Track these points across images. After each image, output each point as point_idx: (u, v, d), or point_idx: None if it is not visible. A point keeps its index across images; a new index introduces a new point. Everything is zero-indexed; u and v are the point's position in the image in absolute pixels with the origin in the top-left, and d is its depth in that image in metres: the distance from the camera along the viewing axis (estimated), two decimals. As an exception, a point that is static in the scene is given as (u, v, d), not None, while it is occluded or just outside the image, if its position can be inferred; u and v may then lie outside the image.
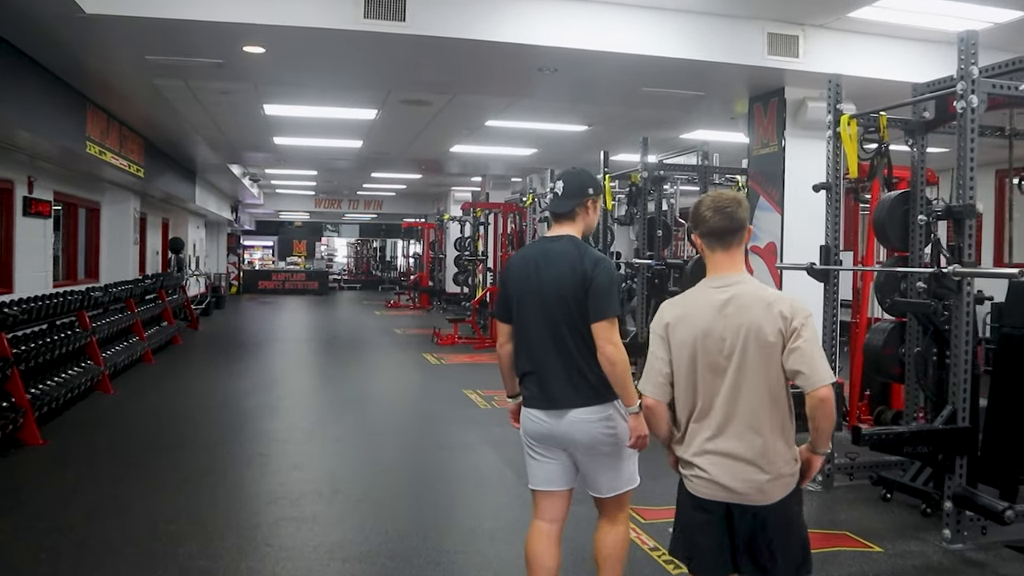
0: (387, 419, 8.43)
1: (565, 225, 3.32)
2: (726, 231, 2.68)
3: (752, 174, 8.15)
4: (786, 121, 7.64)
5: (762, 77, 7.35)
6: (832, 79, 6.09)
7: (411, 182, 20.37)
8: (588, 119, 9.85)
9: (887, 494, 5.80)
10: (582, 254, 3.21)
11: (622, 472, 3.27)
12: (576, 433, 3.18)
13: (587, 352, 3.14)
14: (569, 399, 3.17)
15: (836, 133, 6.00)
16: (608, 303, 3.11)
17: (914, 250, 6.11)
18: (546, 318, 3.22)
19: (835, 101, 6.05)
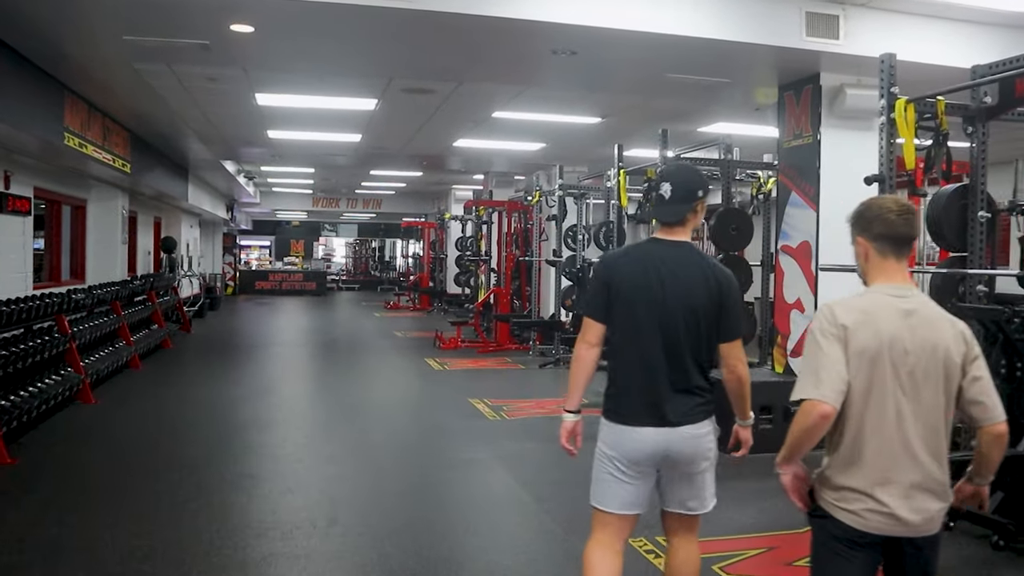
0: (389, 432, 7.79)
1: (677, 230, 3.14)
2: (908, 238, 2.54)
3: (782, 168, 7.51)
4: (822, 110, 7.00)
5: (796, 62, 6.72)
6: (885, 58, 5.46)
7: (411, 180, 19.72)
8: (603, 110, 9.20)
9: (949, 523, 5.19)
10: (712, 267, 3.11)
11: (710, 489, 3.16)
12: (686, 448, 3.03)
13: (698, 368, 3.05)
14: (683, 415, 3.03)
15: (891, 119, 5.36)
16: (741, 322, 3.09)
17: (974, 249, 5.50)
18: (665, 329, 3.03)
19: (889, 83, 5.41)
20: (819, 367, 2.39)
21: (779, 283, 7.58)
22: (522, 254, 14.60)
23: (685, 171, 3.29)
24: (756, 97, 8.09)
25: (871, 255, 2.55)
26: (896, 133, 5.35)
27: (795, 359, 7.29)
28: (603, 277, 3.21)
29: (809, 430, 2.38)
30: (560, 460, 6.50)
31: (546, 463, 6.44)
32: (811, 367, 2.42)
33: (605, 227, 11.72)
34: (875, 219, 2.53)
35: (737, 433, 3.26)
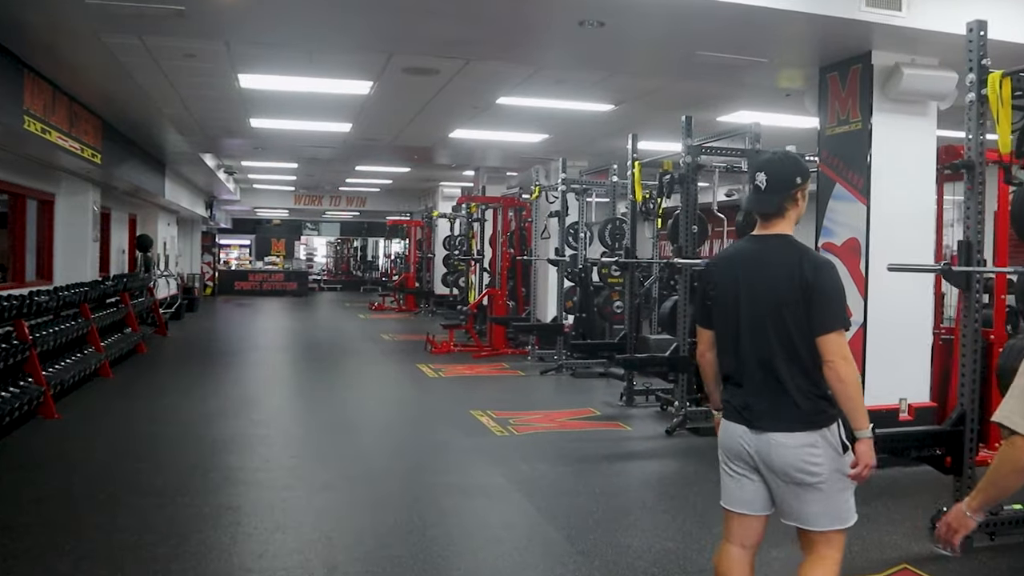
0: (388, 452, 6.90)
1: (774, 223, 2.97)
2: None
3: (825, 157, 6.73)
4: (873, 92, 6.23)
5: (848, 37, 5.94)
6: (974, 26, 4.69)
7: (398, 176, 18.82)
8: (618, 96, 8.36)
9: None
10: (801, 257, 2.89)
11: (829, 506, 2.87)
12: (774, 457, 2.86)
13: (796, 369, 2.85)
14: (771, 421, 2.86)
15: (981, 96, 4.59)
16: (838, 312, 2.85)
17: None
18: (754, 328, 2.92)
19: (979, 55, 4.63)
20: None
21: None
22: (518, 253, 13.79)
23: (781, 158, 3.05)
24: (786, 81, 7.30)
25: None
26: (986, 113, 4.59)
27: (839, 369, 6.51)
28: (702, 283, 3.20)
29: (1014, 471, 2.03)
30: (587, 488, 5.83)
31: (569, 490, 5.63)
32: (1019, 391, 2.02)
33: (611, 224, 10.93)
34: None
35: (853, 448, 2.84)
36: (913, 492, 5.73)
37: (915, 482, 5.89)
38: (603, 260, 10.69)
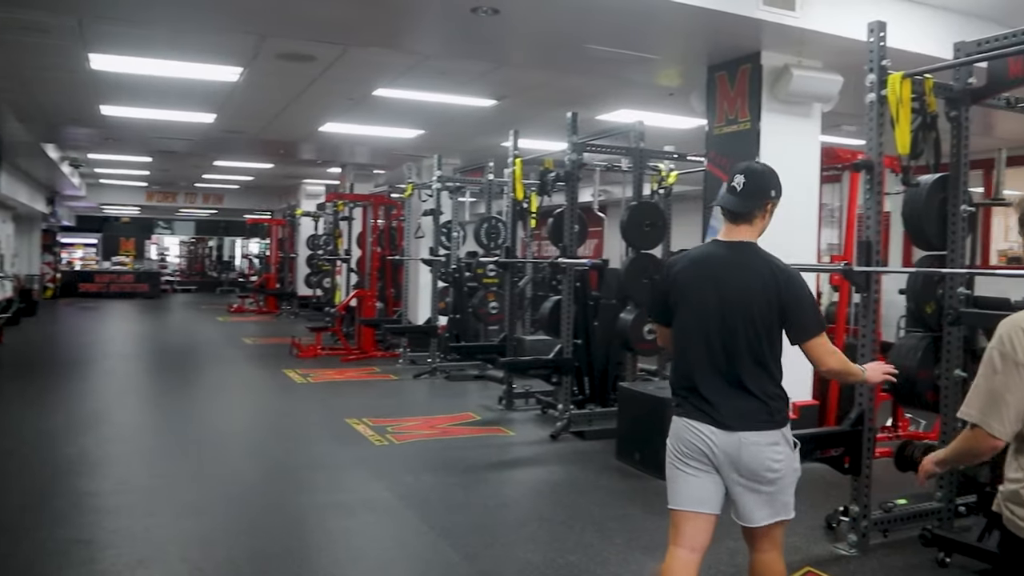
0: (259, 469, 6.27)
1: (742, 229, 3.00)
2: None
3: (713, 156, 6.65)
4: (762, 93, 6.18)
5: (738, 36, 5.85)
6: (875, 26, 4.62)
7: (260, 173, 17.86)
8: (501, 90, 8.06)
9: (945, 557, 4.43)
10: (772, 268, 2.94)
11: (777, 501, 2.97)
12: (744, 456, 2.89)
13: (762, 373, 2.92)
14: (740, 420, 2.90)
15: (881, 96, 4.53)
16: (817, 317, 3.00)
17: (955, 247, 4.78)
18: (723, 331, 2.95)
19: (880, 55, 4.58)
20: (992, 395, 2.18)
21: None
22: (388, 253, 13.28)
23: (763, 168, 3.13)
24: (673, 79, 7.21)
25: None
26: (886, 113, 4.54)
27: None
28: (664, 282, 3.20)
29: (976, 455, 2.31)
30: (479, 500, 5.44)
31: (461, 503, 5.27)
32: (990, 391, 2.19)
33: (487, 223, 10.63)
34: None
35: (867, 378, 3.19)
36: (805, 492, 5.66)
37: (806, 482, 5.84)
38: (483, 259, 10.37)
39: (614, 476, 6.00)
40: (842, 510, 4.87)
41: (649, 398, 6.15)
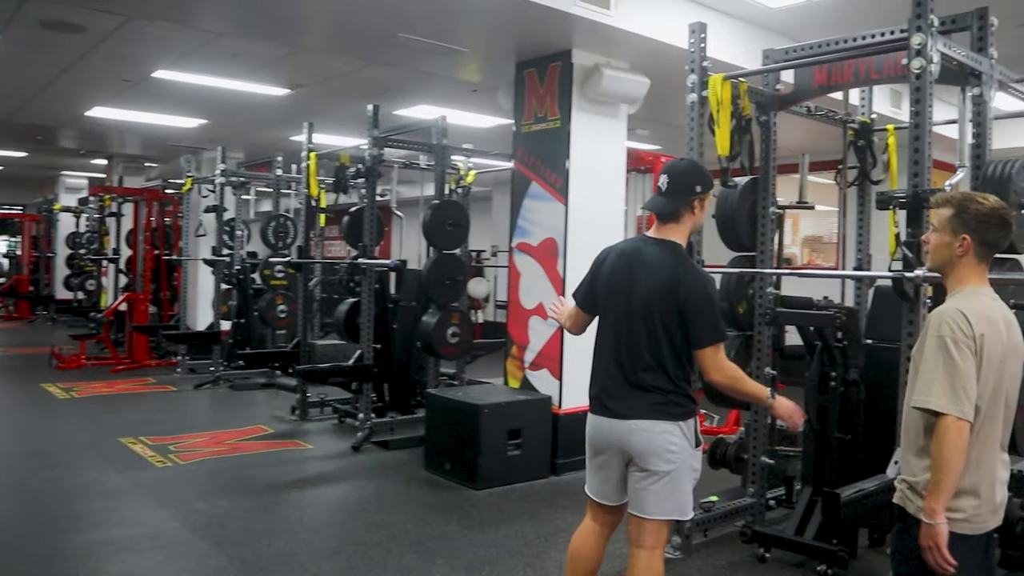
0: (15, 505, 5.25)
1: (669, 227, 3.04)
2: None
3: (520, 155, 6.42)
4: (572, 91, 6.02)
5: (551, 33, 5.67)
6: (696, 27, 4.54)
7: (11, 162, 15.75)
8: (297, 78, 7.41)
9: (765, 553, 4.43)
10: (681, 270, 2.94)
11: (674, 495, 2.95)
12: (634, 442, 2.94)
13: (660, 371, 2.93)
14: (633, 411, 2.94)
15: (701, 98, 4.46)
16: (712, 327, 2.91)
17: (765, 248, 4.83)
18: (629, 326, 2.98)
19: (700, 56, 4.50)
20: (955, 380, 2.27)
21: (514, 286, 6.48)
22: (163, 252, 12.09)
23: (686, 165, 3.17)
24: (481, 74, 6.94)
25: (970, 256, 2.45)
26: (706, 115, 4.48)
27: (535, 372, 6.24)
28: (592, 267, 3.24)
29: (956, 446, 2.26)
30: (284, 525, 4.80)
31: (264, 529, 4.68)
32: (946, 378, 2.28)
33: (275, 221, 9.86)
34: (1000, 224, 2.44)
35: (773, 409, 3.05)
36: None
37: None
38: (273, 260, 9.58)
39: (425, 488, 5.61)
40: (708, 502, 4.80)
41: (460, 405, 5.82)
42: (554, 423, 6.02)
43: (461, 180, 7.85)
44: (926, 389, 2.29)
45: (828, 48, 4.35)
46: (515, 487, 5.67)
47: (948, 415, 2.24)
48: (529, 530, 4.82)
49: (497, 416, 5.68)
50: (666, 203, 3.01)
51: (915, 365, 2.43)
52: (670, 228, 3.03)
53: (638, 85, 6.18)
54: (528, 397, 6.01)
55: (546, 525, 4.92)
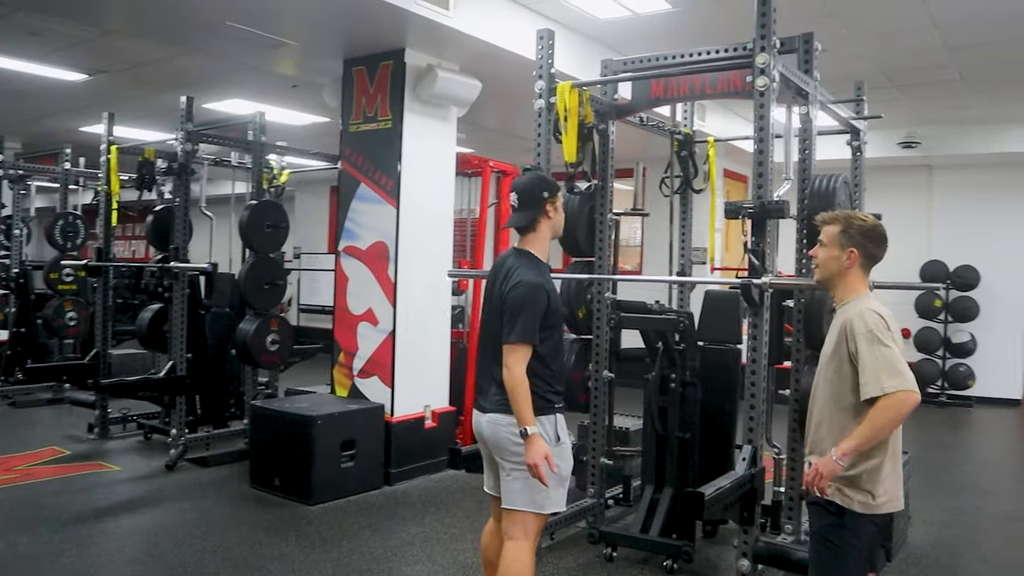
0: None
1: (528, 238, 3.25)
2: None
3: (348, 155, 6.13)
4: (405, 92, 5.83)
5: (385, 31, 5.47)
6: (544, 33, 4.50)
7: None
8: (98, 63, 6.63)
9: (612, 552, 4.47)
10: (513, 273, 3.15)
11: (527, 490, 3.05)
12: (487, 433, 3.14)
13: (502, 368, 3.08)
14: (490, 405, 3.14)
15: (549, 104, 4.43)
16: (513, 327, 3.03)
17: (603, 254, 4.88)
18: (489, 328, 3.24)
19: (548, 62, 4.47)
20: (895, 362, 2.55)
21: (341, 291, 6.19)
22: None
23: (529, 178, 3.29)
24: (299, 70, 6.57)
25: (856, 267, 2.76)
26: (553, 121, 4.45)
27: (365, 380, 5.98)
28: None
29: (903, 416, 2.54)
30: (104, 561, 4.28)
31: (81, 568, 4.13)
32: (886, 363, 2.54)
33: (64, 220, 8.87)
34: (880, 239, 2.77)
35: (526, 443, 2.97)
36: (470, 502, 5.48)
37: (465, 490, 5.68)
38: (66, 263, 8.57)
39: (255, 507, 5.21)
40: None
41: (290, 416, 5.46)
42: (387, 432, 5.80)
43: (274, 179, 7.41)
44: (874, 381, 2.53)
45: (670, 62, 4.43)
46: (350, 500, 5.40)
47: (900, 391, 2.49)
48: (373, 545, 4.59)
49: (330, 427, 5.38)
50: (521, 217, 3.21)
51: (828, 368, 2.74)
52: (530, 238, 3.23)
53: (470, 88, 6.09)
54: (361, 406, 5.75)
55: (390, 538, 4.70)
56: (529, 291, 3.04)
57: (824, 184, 4.25)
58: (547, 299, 3.11)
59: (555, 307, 3.16)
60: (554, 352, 3.15)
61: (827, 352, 2.77)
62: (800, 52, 4.30)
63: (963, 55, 6.69)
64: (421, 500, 5.50)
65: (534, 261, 3.19)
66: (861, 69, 6.42)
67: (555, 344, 3.17)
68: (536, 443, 2.93)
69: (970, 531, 5.15)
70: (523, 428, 2.94)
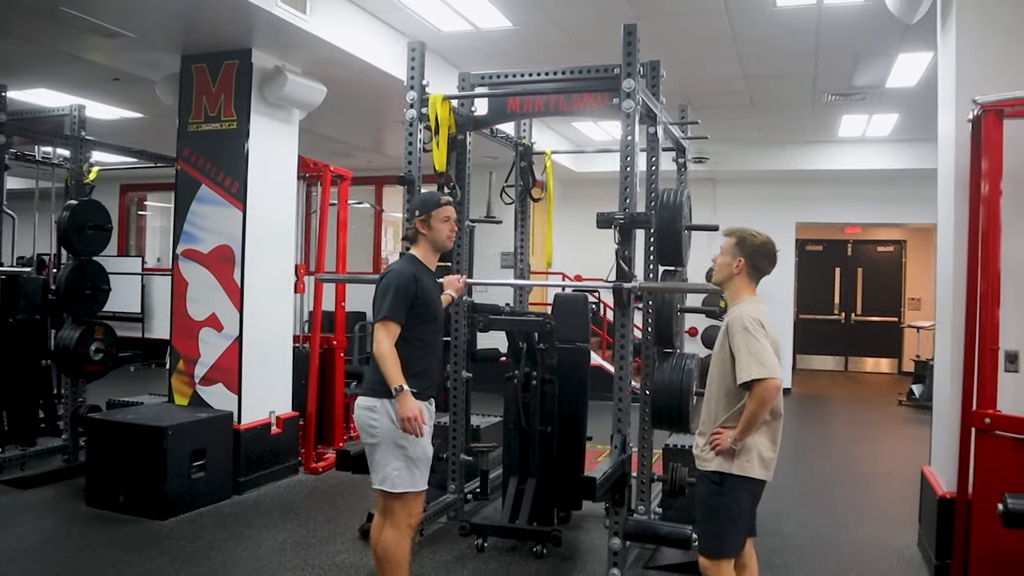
0: None
1: (415, 247, 3.61)
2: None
3: (187, 155, 5.83)
4: (252, 93, 5.66)
5: (231, 30, 5.29)
6: (415, 45, 4.60)
7: None
8: None
9: (483, 543, 4.65)
10: (389, 267, 3.58)
11: (380, 469, 3.35)
12: (355, 415, 3.43)
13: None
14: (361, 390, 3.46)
15: (421, 114, 4.53)
16: (380, 305, 3.35)
17: (461, 260, 5.06)
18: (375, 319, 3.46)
19: (420, 72, 4.56)
20: (760, 353, 2.96)
21: (180, 296, 5.89)
22: None
23: (417, 198, 3.83)
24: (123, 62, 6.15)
25: (743, 275, 3.19)
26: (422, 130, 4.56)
27: (209, 387, 5.75)
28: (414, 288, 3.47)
29: (771, 399, 2.98)
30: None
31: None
32: (754, 355, 2.96)
33: None
34: (768, 256, 3.20)
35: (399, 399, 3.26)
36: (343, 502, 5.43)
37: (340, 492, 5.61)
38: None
39: (102, 527, 4.85)
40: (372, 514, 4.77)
41: (136, 428, 5.16)
42: (236, 440, 5.62)
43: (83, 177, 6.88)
44: (746, 369, 2.95)
45: (536, 79, 4.65)
46: (202, 512, 5.18)
47: (764, 379, 2.92)
48: (244, 555, 4.46)
49: (181, 437, 5.13)
50: (408, 229, 3.69)
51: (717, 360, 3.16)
52: (416, 247, 3.60)
53: (317, 92, 6.02)
54: (209, 415, 5.51)
55: (258, 547, 4.59)
56: (395, 276, 3.39)
57: (672, 197, 4.67)
58: (415, 285, 3.39)
59: (426, 298, 3.43)
60: (424, 346, 3.45)
61: (716, 348, 3.17)
62: (648, 78, 4.70)
63: (756, 83, 7.51)
64: (276, 507, 5.38)
65: (412, 259, 3.55)
66: (668, 91, 7.02)
67: (427, 339, 3.46)
68: (406, 399, 3.22)
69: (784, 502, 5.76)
70: (395, 387, 3.21)
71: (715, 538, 3.10)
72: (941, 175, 4.73)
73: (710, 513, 3.12)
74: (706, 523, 3.15)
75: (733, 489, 3.07)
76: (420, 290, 3.41)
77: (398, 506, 3.36)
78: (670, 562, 4.47)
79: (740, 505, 3.09)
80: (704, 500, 3.15)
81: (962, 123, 4.17)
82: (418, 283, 3.40)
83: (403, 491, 3.35)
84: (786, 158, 10.39)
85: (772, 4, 5.50)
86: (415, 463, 3.37)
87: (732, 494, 3.07)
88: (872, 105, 8.24)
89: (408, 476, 3.35)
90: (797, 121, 9.18)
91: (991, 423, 3.70)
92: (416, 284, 3.39)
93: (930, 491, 4.57)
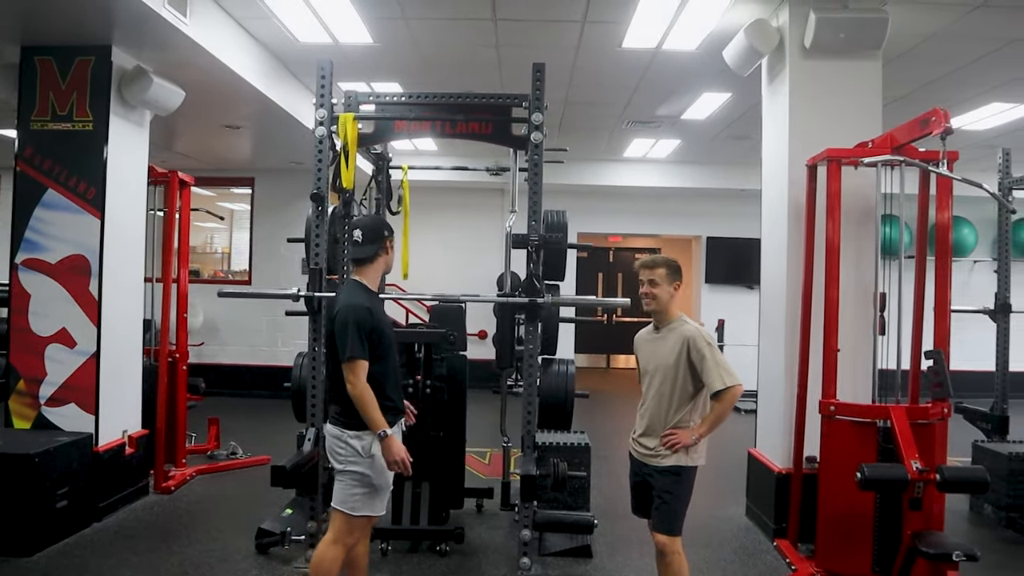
0: None
1: (364, 269, 3.52)
2: None
3: (28, 156, 5.13)
4: (111, 93, 5.13)
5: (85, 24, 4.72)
6: (325, 64, 4.46)
7: None
8: None
9: (387, 547, 4.63)
10: (340, 300, 3.47)
11: (340, 492, 3.38)
12: (327, 441, 3.45)
13: (341, 388, 3.33)
14: (330, 418, 3.47)
15: (332, 131, 4.42)
16: (342, 347, 3.30)
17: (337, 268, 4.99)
18: (329, 352, 3.47)
19: (330, 91, 4.44)
20: (726, 364, 3.40)
21: (20, 310, 5.20)
22: None
23: (372, 220, 3.72)
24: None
25: (675, 296, 3.55)
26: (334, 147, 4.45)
27: (58, 408, 5.14)
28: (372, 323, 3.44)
29: (735, 402, 3.40)
30: None
31: None
32: (721, 365, 3.39)
33: None
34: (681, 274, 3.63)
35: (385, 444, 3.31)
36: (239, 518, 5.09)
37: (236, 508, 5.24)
38: None
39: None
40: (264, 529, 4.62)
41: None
42: (95, 462, 5.08)
43: None
44: (720, 378, 3.36)
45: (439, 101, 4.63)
46: (68, 543, 4.66)
47: (735, 385, 3.37)
48: (146, 584, 4.12)
49: (47, 465, 4.57)
50: (364, 250, 3.49)
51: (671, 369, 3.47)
52: (365, 270, 3.51)
53: (176, 95, 5.56)
54: (70, 439, 4.89)
55: (156, 572, 4.25)
56: (348, 311, 3.32)
57: (556, 217, 4.95)
58: (370, 317, 3.33)
59: (381, 329, 3.39)
60: (385, 373, 3.41)
61: (668, 358, 3.48)
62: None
63: (572, 109, 7.99)
64: (148, 531, 4.96)
65: (360, 288, 3.47)
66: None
67: (387, 367, 3.43)
68: (392, 444, 3.29)
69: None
70: (379, 433, 3.27)
71: (675, 519, 3.48)
72: (772, 203, 5.39)
73: (671, 499, 3.46)
74: (666, 508, 3.47)
75: (688, 478, 3.49)
76: (376, 322, 3.37)
77: (350, 526, 3.39)
78: (560, 548, 4.73)
79: (691, 489, 3.52)
80: (665, 490, 3.48)
81: (796, 164, 4.85)
82: (372, 315, 3.36)
83: (361, 515, 3.39)
84: (575, 174, 11.01)
85: (618, 44, 5.93)
86: (377, 491, 3.40)
87: (688, 482, 3.49)
88: (663, 132, 9.08)
89: (368, 502, 3.39)
90: (594, 142, 9.85)
91: (835, 409, 4.36)
92: (371, 316, 3.35)
93: (763, 468, 5.25)
